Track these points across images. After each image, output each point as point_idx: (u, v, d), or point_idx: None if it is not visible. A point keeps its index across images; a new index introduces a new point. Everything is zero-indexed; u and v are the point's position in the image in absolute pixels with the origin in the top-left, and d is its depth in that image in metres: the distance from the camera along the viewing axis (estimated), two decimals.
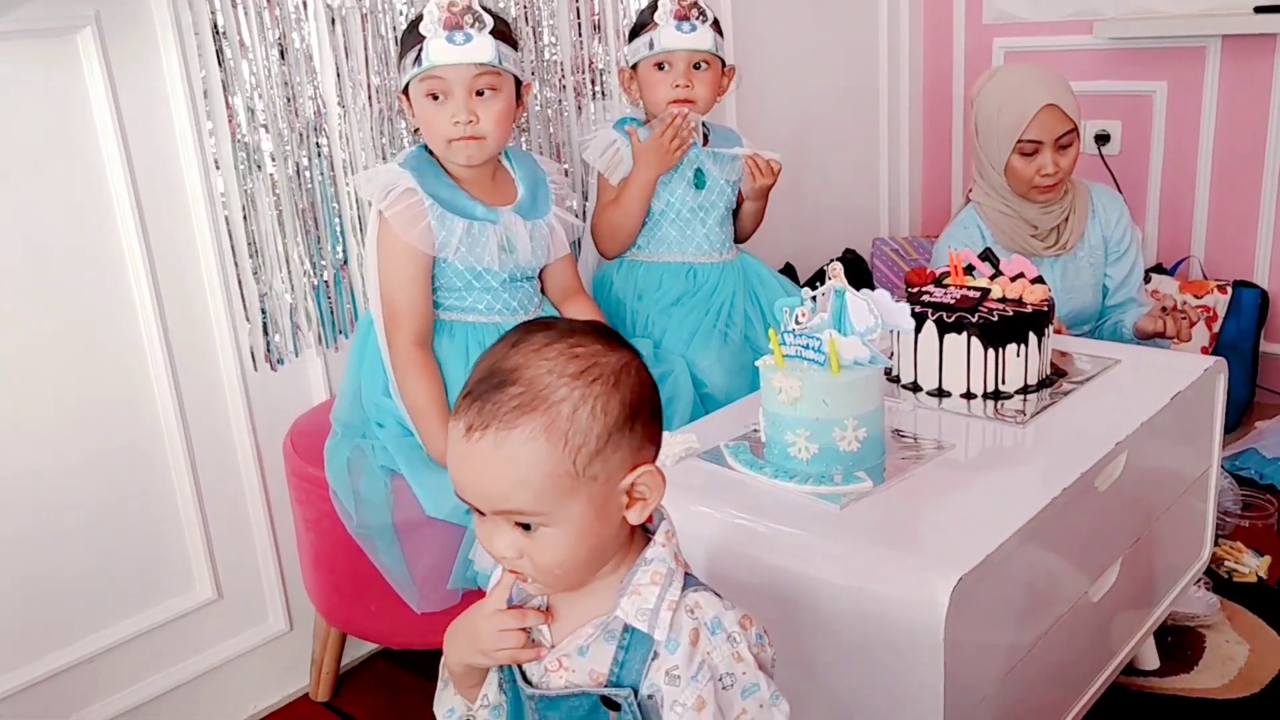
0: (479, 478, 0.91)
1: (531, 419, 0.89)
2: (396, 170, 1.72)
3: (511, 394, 0.89)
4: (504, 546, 0.94)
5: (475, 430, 0.89)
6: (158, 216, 1.76)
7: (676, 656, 0.94)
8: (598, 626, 0.97)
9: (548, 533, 0.92)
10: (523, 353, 0.92)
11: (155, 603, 1.85)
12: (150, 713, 1.85)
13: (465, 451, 0.90)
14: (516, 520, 0.92)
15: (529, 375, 0.90)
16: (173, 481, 1.84)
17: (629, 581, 0.96)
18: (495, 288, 1.76)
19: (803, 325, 1.46)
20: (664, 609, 0.95)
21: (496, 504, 0.91)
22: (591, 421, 0.90)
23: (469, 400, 0.91)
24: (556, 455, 0.89)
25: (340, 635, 1.97)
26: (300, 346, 1.95)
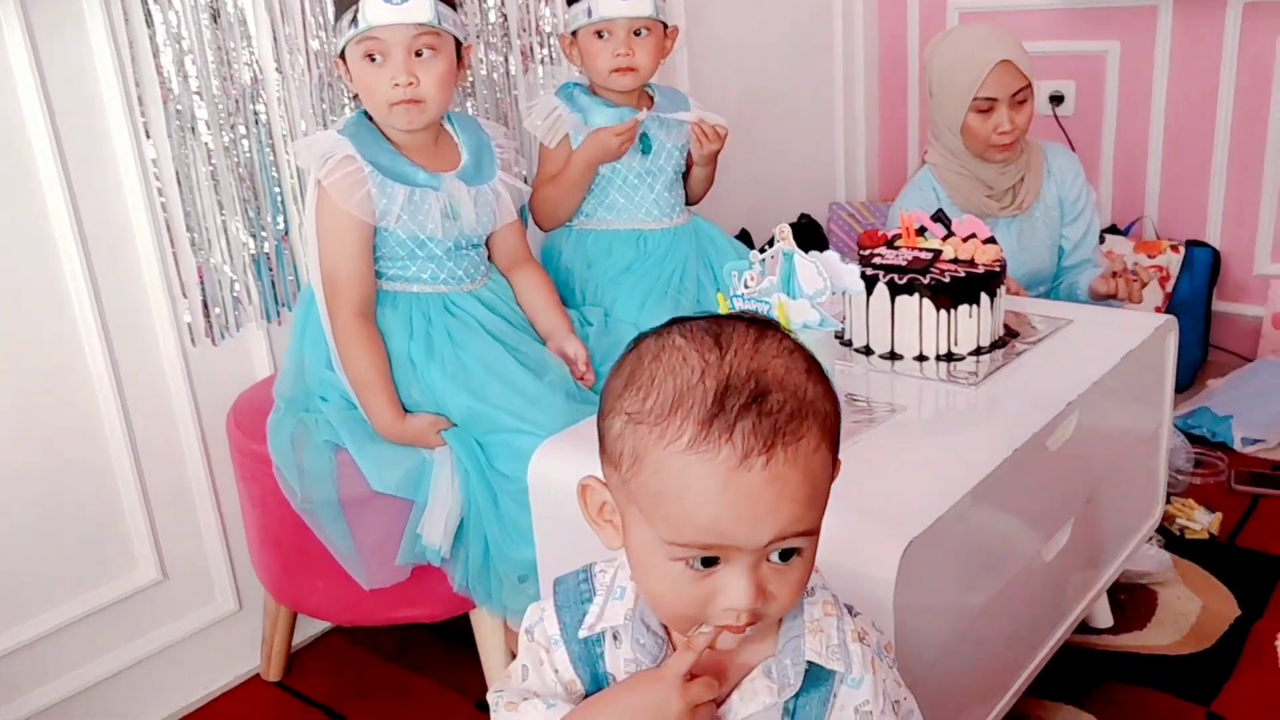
0: (766, 507, 0.75)
1: (810, 425, 0.76)
2: (335, 137, 1.67)
3: (775, 402, 0.75)
4: (751, 594, 0.77)
5: (756, 454, 0.74)
6: (87, 187, 1.70)
7: (863, 691, 0.85)
8: (767, 675, 0.84)
9: (804, 558, 0.79)
10: (745, 355, 0.77)
11: (98, 585, 1.80)
12: (97, 696, 1.81)
13: (744, 483, 0.74)
14: (791, 547, 0.77)
15: (774, 378, 0.76)
16: (112, 460, 1.79)
17: (798, 617, 0.85)
18: (439, 256, 1.72)
19: (751, 289, 1.44)
20: (851, 641, 0.86)
21: (788, 528, 0.76)
22: (834, 408, 0.80)
23: (721, 423, 0.74)
24: (830, 455, 0.79)
25: (290, 614, 1.94)
26: (241, 321, 1.90)
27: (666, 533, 0.76)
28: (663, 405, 0.76)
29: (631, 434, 0.77)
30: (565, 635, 0.89)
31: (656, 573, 0.79)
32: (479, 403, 1.64)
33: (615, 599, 0.88)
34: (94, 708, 1.81)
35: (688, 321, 0.81)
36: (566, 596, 0.91)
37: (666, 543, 0.76)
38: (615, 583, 0.89)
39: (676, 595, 0.79)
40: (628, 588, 0.87)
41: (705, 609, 0.78)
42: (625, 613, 0.86)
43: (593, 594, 0.89)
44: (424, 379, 1.68)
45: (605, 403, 0.81)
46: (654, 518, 0.77)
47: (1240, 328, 2.93)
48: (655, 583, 0.80)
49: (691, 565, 0.77)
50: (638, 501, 0.78)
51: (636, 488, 0.78)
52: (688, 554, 0.76)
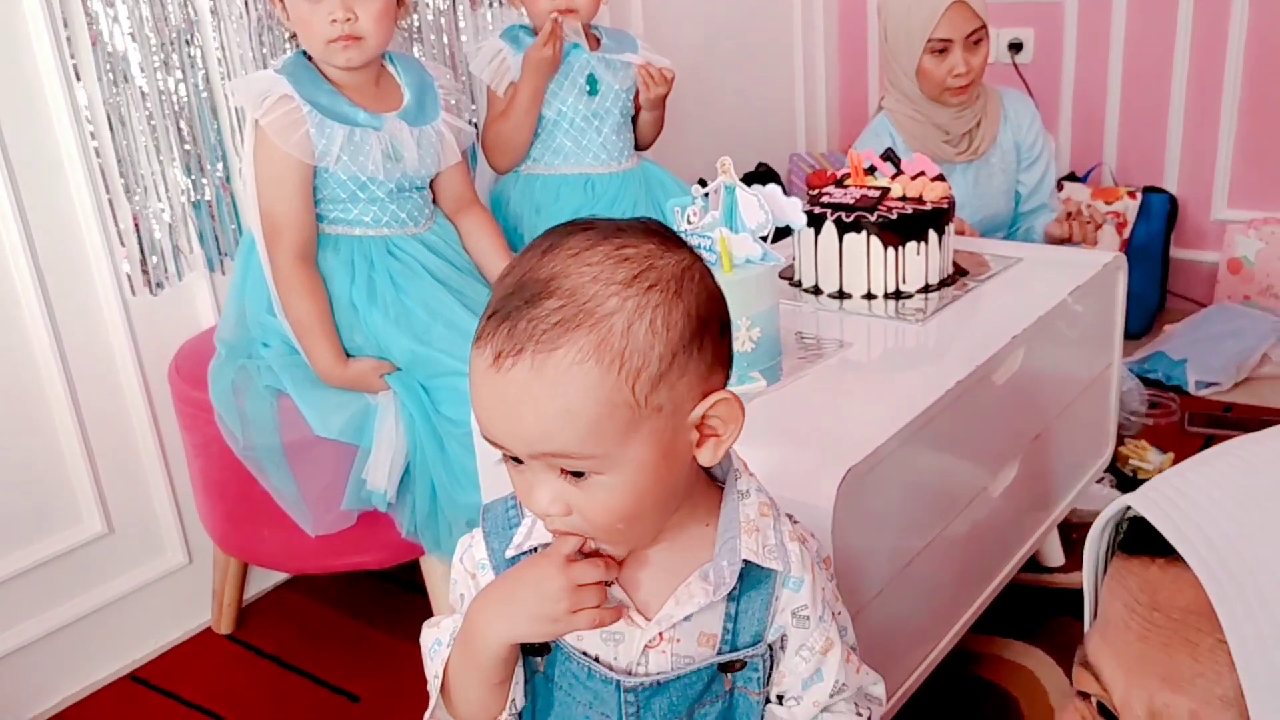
0: (513, 414, 0.73)
1: (577, 336, 0.72)
2: (272, 76, 1.63)
3: (549, 308, 0.72)
4: (547, 500, 0.76)
5: (506, 356, 0.72)
6: (17, 133, 1.65)
7: (803, 595, 0.83)
8: (704, 579, 0.82)
9: (602, 481, 0.75)
10: (559, 258, 0.75)
11: (42, 538, 1.78)
12: (46, 649, 1.78)
13: (494, 384, 0.73)
14: (563, 467, 0.75)
15: (569, 285, 0.73)
16: (53, 413, 1.76)
17: (733, 519, 0.82)
18: (382, 198, 1.69)
19: (694, 224, 1.42)
20: (789, 540, 0.83)
21: (536, 445, 0.73)
22: (651, 338, 0.73)
23: (495, 321, 0.73)
24: (611, 381, 0.72)
25: (241, 566, 1.92)
26: (183, 269, 1.86)
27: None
28: (490, 300, 0.77)
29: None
30: (493, 560, 0.88)
31: (505, 462, 0.80)
32: (422, 346, 1.62)
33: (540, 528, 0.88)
34: (43, 660, 1.78)
35: (599, 222, 0.78)
36: (495, 523, 0.89)
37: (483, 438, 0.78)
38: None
39: (515, 484, 0.80)
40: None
41: (529, 501, 0.78)
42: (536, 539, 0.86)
43: (520, 518, 0.88)
44: (366, 323, 1.65)
45: None
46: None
47: (1197, 273, 2.94)
48: (508, 472, 0.80)
49: (509, 459, 0.78)
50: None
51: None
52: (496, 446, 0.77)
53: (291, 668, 1.85)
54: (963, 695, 1.64)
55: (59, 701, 1.81)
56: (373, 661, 1.84)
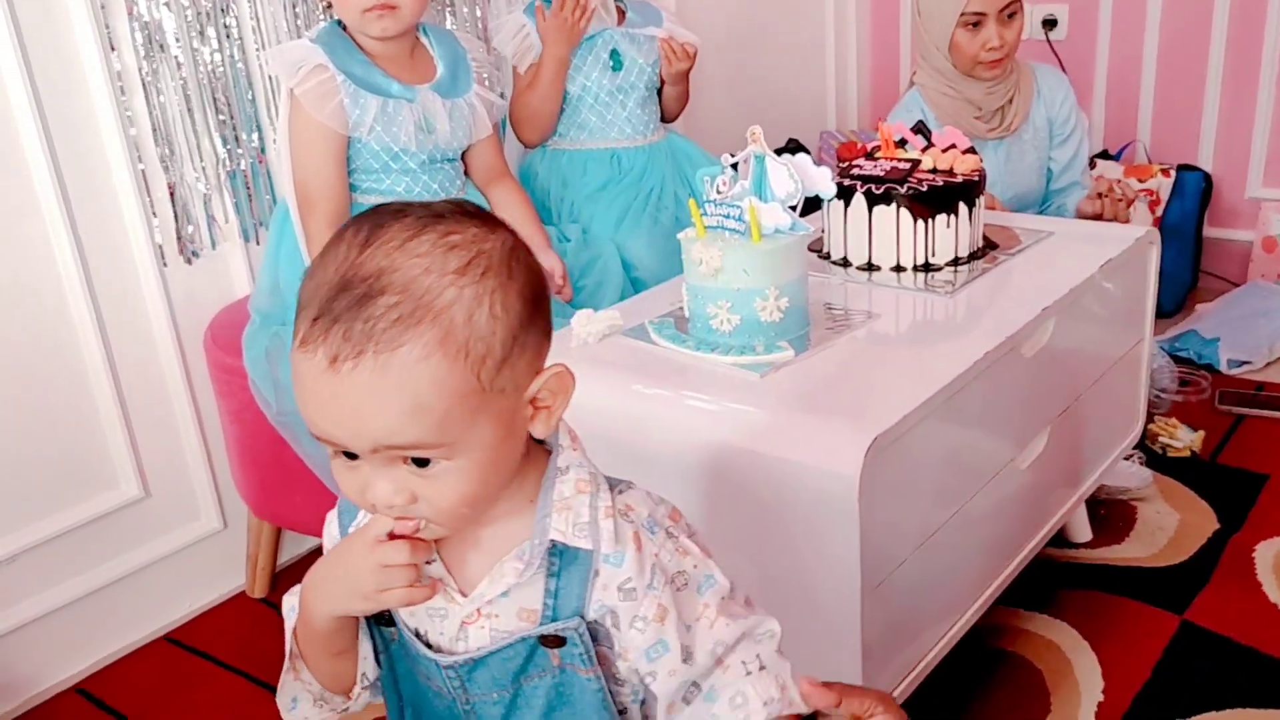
0: (356, 414, 0.72)
1: (421, 332, 0.71)
2: (307, 46, 1.65)
3: (385, 305, 0.71)
4: (390, 492, 0.76)
5: (345, 360, 0.70)
6: (55, 102, 1.68)
7: (625, 568, 0.81)
8: (519, 558, 0.81)
9: (449, 466, 0.75)
10: (383, 252, 0.73)
11: (79, 501, 1.81)
12: (83, 610, 1.82)
13: (332, 386, 0.71)
14: (409, 456, 0.74)
15: (401, 279, 0.72)
16: (90, 378, 1.79)
17: (548, 497, 0.81)
18: (414, 169, 1.70)
19: (723, 194, 1.43)
20: (603, 518, 0.81)
21: (384, 440, 0.73)
22: (493, 324, 0.74)
23: (325, 324, 0.71)
24: (459, 372, 0.73)
25: (274, 531, 1.95)
26: (217, 238, 1.89)
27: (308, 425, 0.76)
28: (304, 299, 0.74)
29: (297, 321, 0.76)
30: (342, 534, 0.89)
31: (332, 462, 0.78)
32: None
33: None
34: (82, 620, 1.82)
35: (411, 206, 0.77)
36: (346, 500, 0.88)
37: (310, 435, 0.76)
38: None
39: (344, 483, 0.78)
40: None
41: (365, 499, 0.77)
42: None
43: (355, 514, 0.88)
44: None
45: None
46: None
47: (1230, 252, 2.91)
48: (334, 471, 0.79)
49: (339, 454, 0.76)
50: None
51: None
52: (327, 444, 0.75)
53: None
54: (987, 668, 1.64)
55: (96, 661, 1.85)
56: None
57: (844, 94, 3.32)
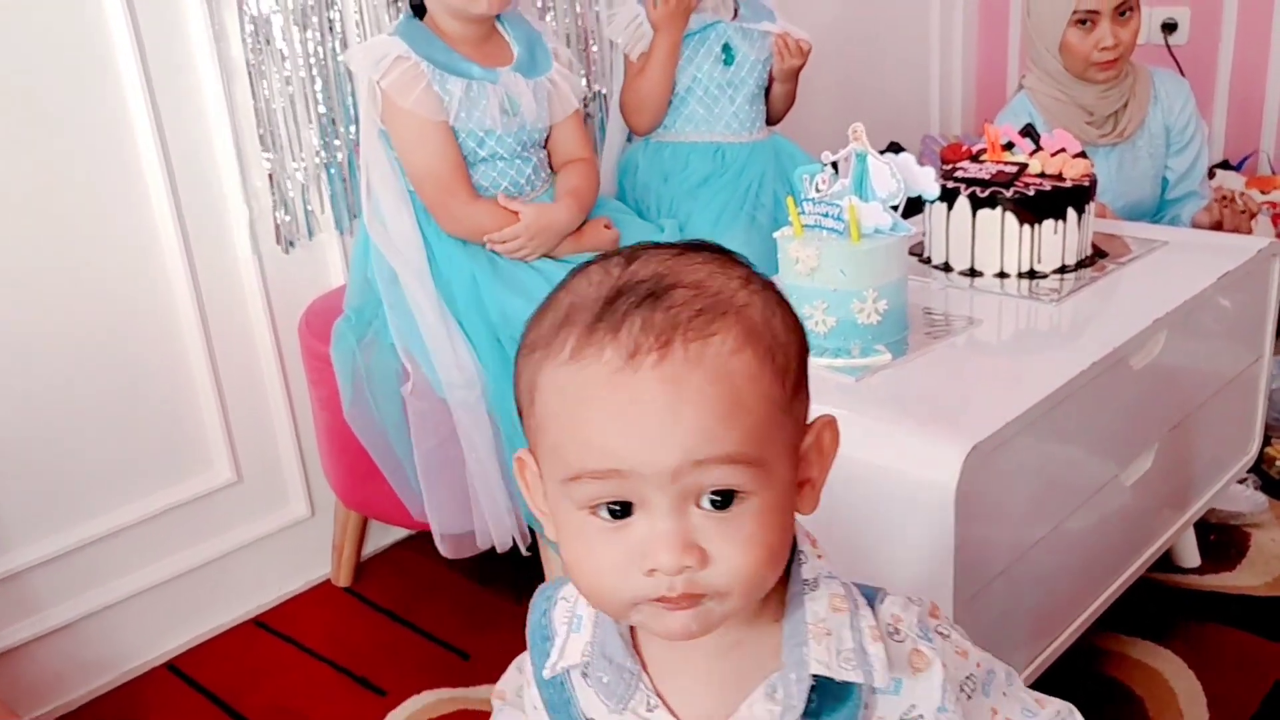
0: (663, 417, 0.59)
1: (728, 323, 0.61)
2: (387, 40, 1.66)
3: (682, 296, 0.61)
4: (679, 549, 0.60)
5: (647, 353, 0.59)
6: (167, 90, 1.72)
7: (904, 696, 0.68)
8: (770, 697, 0.67)
9: (751, 508, 0.61)
10: (654, 262, 0.64)
11: (175, 482, 1.85)
12: (176, 588, 1.86)
13: (630, 389, 0.59)
14: (716, 486, 0.60)
15: (689, 279, 0.62)
16: (189, 361, 1.82)
17: (798, 618, 0.67)
18: (504, 157, 1.71)
19: (823, 192, 1.39)
20: (870, 642, 0.67)
21: (697, 449, 0.59)
22: (789, 335, 0.64)
23: (609, 324, 0.60)
24: (769, 374, 0.62)
25: (360, 521, 1.96)
26: (314, 229, 1.91)
27: (559, 468, 0.62)
28: (554, 324, 0.63)
29: (527, 366, 0.65)
30: (535, 675, 0.76)
31: (570, 537, 0.64)
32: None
33: (574, 632, 0.72)
34: (174, 600, 1.86)
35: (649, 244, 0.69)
36: (534, 632, 0.76)
37: (564, 482, 0.62)
38: (575, 612, 0.73)
39: (595, 564, 0.63)
40: (584, 617, 0.72)
41: (626, 577, 0.62)
42: (583, 648, 0.71)
43: (552, 631, 0.75)
44: (485, 291, 1.67)
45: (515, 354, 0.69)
46: (548, 455, 0.63)
47: None
48: (569, 550, 0.65)
49: (599, 514, 0.62)
50: (538, 444, 0.65)
51: (534, 425, 0.64)
52: (588, 495, 0.61)
53: (405, 622, 1.89)
54: (1086, 693, 1.57)
55: (187, 640, 1.88)
56: (483, 621, 1.87)
57: (948, 98, 3.24)
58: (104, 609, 1.78)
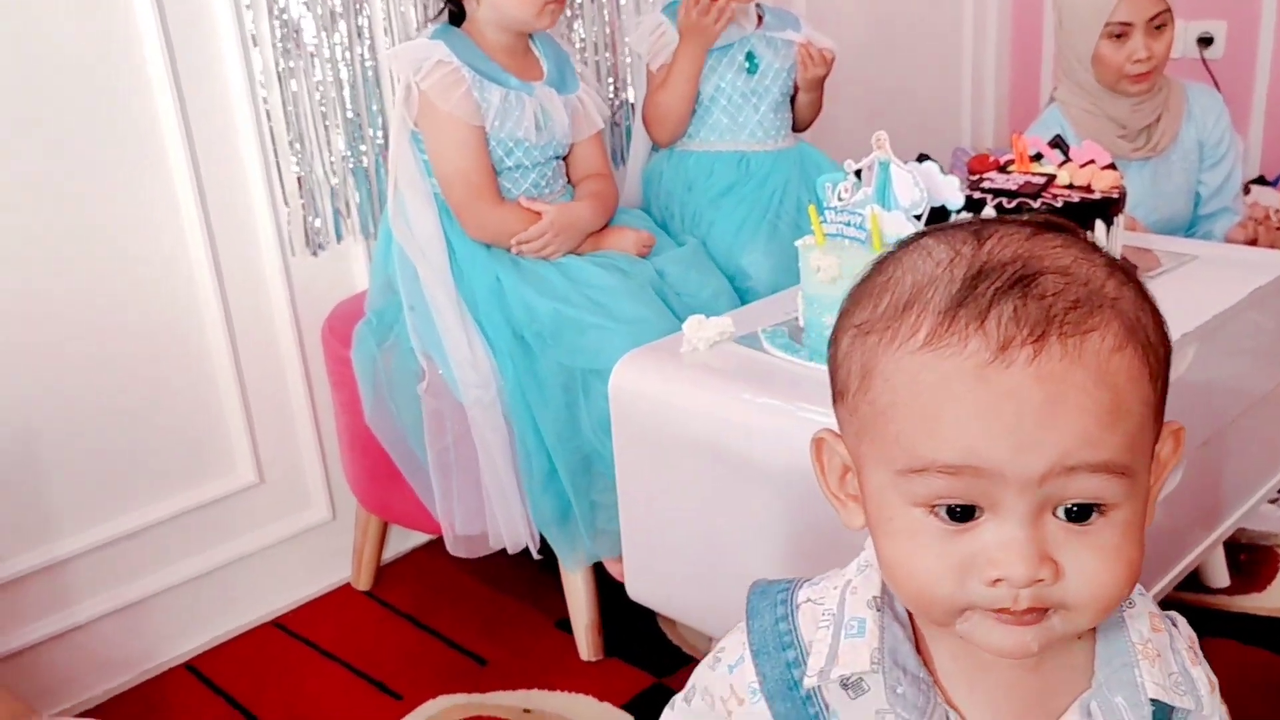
0: (1039, 417, 0.54)
1: (1105, 318, 0.56)
2: (428, 43, 1.67)
3: (1054, 284, 0.56)
4: (1035, 560, 0.56)
5: (1021, 344, 0.54)
6: (196, 93, 1.73)
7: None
8: (1083, 715, 0.63)
9: (1111, 522, 0.57)
10: (1009, 243, 0.58)
11: (198, 483, 1.86)
12: (196, 589, 1.87)
13: (1001, 385, 0.54)
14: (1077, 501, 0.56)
15: (1053, 264, 0.57)
16: (214, 363, 1.84)
17: (1119, 636, 0.64)
18: (527, 167, 1.73)
19: (845, 200, 1.38)
20: (1190, 665, 0.65)
21: (1073, 454, 0.55)
22: (1158, 332, 0.59)
23: (971, 311, 0.56)
24: (1145, 377, 0.57)
25: (381, 525, 1.97)
26: (342, 232, 1.92)
27: (900, 459, 0.57)
28: (896, 305, 0.58)
29: (859, 348, 0.60)
30: (767, 689, 0.68)
31: (895, 532, 0.59)
32: (566, 306, 1.63)
33: (852, 635, 0.65)
34: (195, 600, 1.87)
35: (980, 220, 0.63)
36: (765, 640, 0.69)
37: (902, 474, 0.57)
38: (846, 613, 0.66)
39: (921, 561, 0.58)
40: (866, 620, 0.65)
41: (963, 584, 0.57)
42: (870, 654, 0.64)
43: (795, 637, 0.68)
44: (509, 291, 1.67)
45: (834, 331, 0.64)
46: (885, 444, 0.58)
47: None
48: (893, 547, 0.60)
49: (938, 514, 0.57)
50: (867, 432, 0.60)
51: (865, 411, 0.60)
52: (931, 491, 0.57)
53: (423, 627, 1.89)
54: None
55: (208, 640, 1.89)
56: (501, 627, 1.87)
57: (980, 109, 3.22)
58: (124, 608, 1.79)
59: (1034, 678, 0.63)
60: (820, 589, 0.70)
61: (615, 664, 1.75)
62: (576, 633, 1.77)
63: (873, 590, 0.66)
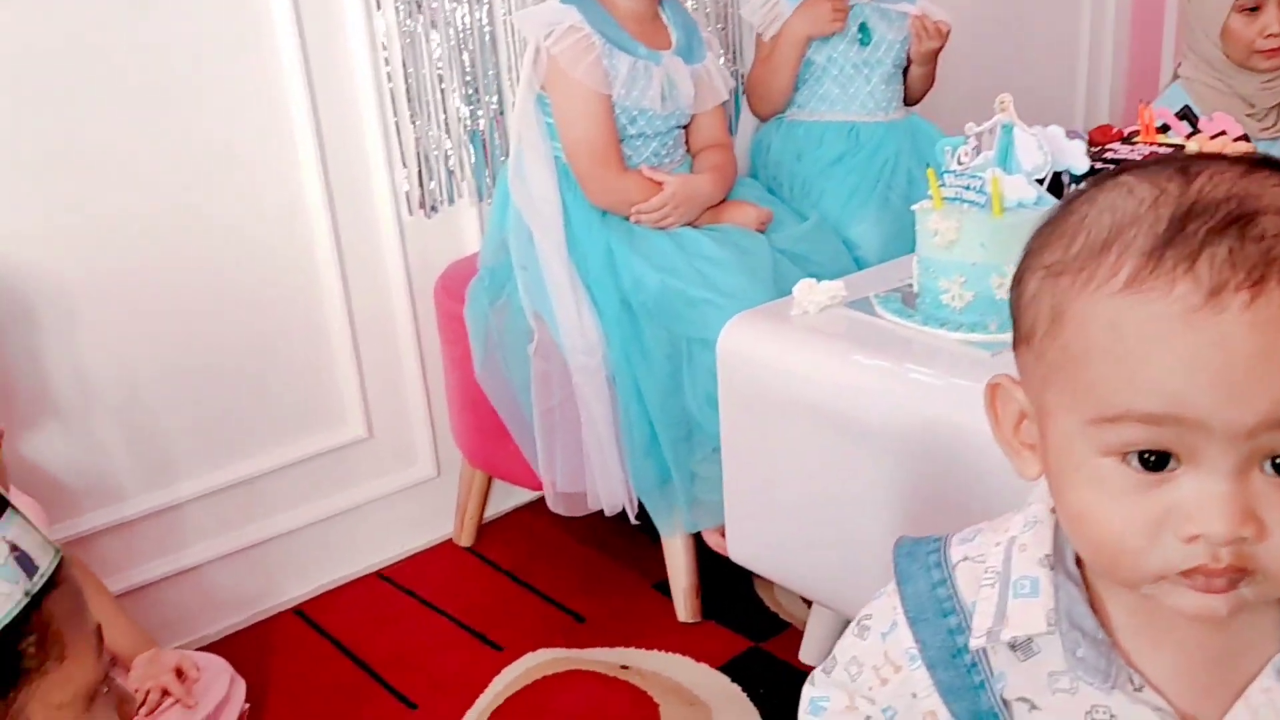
0: (1253, 366, 0.51)
1: None
2: (560, 7, 1.68)
3: (1274, 225, 0.52)
4: (1238, 517, 0.53)
5: (1237, 289, 0.51)
6: (320, 55, 1.78)
7: None
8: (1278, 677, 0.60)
9: None
10: (1221, 181, 0.55)
11: (310, 435, 1.92)
12: (306, 537, 1.93)
13: (1211, 331, 0.51)
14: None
15: (1271, 203, 0.53)
16: (329, 319, 1.89)
17: None
18: (648, 135, 1.73)
19: (965, 164, 1.36)
20: None
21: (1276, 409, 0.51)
22: None
23: (1179, 252, 0.52)
24: None
25: (484, 483, 2.00)
26: (455, 194, 1.96)
27: (1093, 407, 0.54)
28: (1093, 245, 0.55)
29: (1049, 290, 0.57)
30: (926, 655, 0.66)
31: (1082, 483, 0.56)
32: (673, 279, 1.64)
33: (1023, 595, 0.63)
34: (304, 548, 1.93)
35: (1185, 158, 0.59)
36: (922, 605, 0.67)
37: (1094, 423, 0.54)
38: (1014, 571, 0.64)
39: (1114, 518, 0.55)
40: (1040, 578, 0.63)
41: (1156, 538, 0.54)
42: (1046, 615, 0.62)
43: (956, 603, 0.66)
44: (619, 259, 1.68)
45: (1018, 271, 0.62)
46: (1076, 391, 0.55)
47: None
48: (1079, 498, 0.57)
49: (1129, 463, 0.54)
50: (1056, 377, 0.57)
51: (1054, 356, 0.57)
52: (1124, 439, 0.54)
53: (522, 583, 1.93)
54: None
55: (315, 587, 1.95)
56: (599, 586, 1.89)
57: (1096, 88, 3.13)
58: (238, 551, 1.86)
59: (1220, 638, 0.60)
60: (977, 545, 0.68)
61: (712, 627, 1.76)
62: (675, 595, 1.78)
63: (1044, 548, 0.64)
